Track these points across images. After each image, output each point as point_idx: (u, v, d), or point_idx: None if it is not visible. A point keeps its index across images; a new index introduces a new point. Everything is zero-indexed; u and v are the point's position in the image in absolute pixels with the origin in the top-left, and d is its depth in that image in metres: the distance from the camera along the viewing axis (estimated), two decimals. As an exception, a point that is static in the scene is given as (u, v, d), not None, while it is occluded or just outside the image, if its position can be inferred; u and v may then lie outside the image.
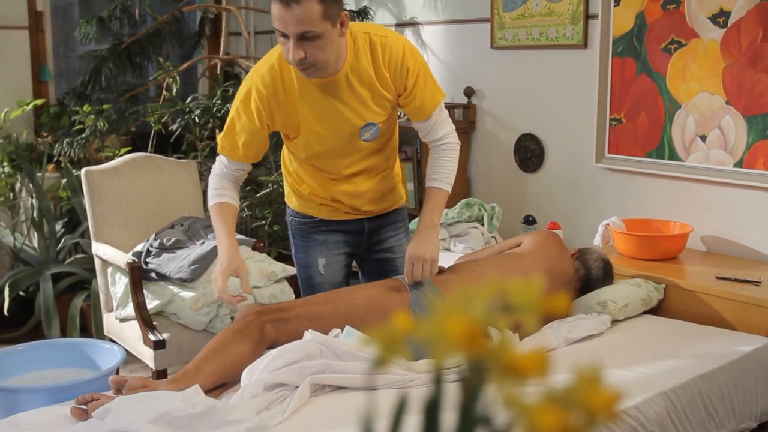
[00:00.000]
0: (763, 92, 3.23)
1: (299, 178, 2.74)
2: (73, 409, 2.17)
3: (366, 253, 2.87)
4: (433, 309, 0.48)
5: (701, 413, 2.49)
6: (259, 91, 2.47)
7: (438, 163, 2.63)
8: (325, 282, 2.78)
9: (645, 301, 3.02)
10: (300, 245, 2.83)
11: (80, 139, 4.25)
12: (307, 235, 2.79)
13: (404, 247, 2.79)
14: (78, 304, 4.11)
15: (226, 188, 2.61)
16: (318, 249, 2.79)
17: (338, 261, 2.81)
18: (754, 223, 3.37)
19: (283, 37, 2.31)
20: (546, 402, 0.46)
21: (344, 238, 2.80)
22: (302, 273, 2.85)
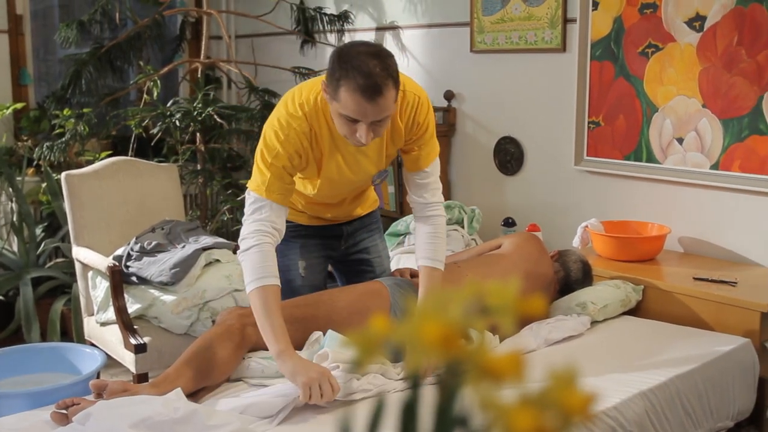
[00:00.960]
0: (739, 95, 3.26)
1: None
2: (54, 413, 2.15)
3: (343, 255, 2.89)
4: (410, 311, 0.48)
5: (679, 413, 2.51)
6: (299, 138, 2.36)
7: (433, 240, 2.53)
8: (306, 285, 2.78)
9: (624, 302, 3.03)
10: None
11: (60, 143, 4.23)
12: (286, 239, 2.79)
13: (379, 248, 2.91)
14: (58, 308, 4.08)
15: (272, 260, 2.31)
16: (298, 252, 2.79)
17: (318, 264, 2.82)
18: (730, 224, 3.40)
19: (352, 122, 2.22)
20: (521, 403, 0.46)
21: (323, 242, 2.81)
22: (282, 277, 2.85)
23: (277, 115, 2.39)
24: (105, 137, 4.68)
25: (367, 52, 2.18)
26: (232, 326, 2.42)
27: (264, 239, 2.31)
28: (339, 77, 2.16)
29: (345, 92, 2.16)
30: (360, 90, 2.13)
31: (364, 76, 2.13)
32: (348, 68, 2.14)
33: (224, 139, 4.53)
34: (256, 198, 2.36)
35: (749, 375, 2.77)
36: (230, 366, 2.39)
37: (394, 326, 0.50)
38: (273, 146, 2.35)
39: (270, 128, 2.38)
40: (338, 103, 2.19)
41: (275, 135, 2.36)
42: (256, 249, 2.29)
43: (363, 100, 2.15)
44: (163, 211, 3.54)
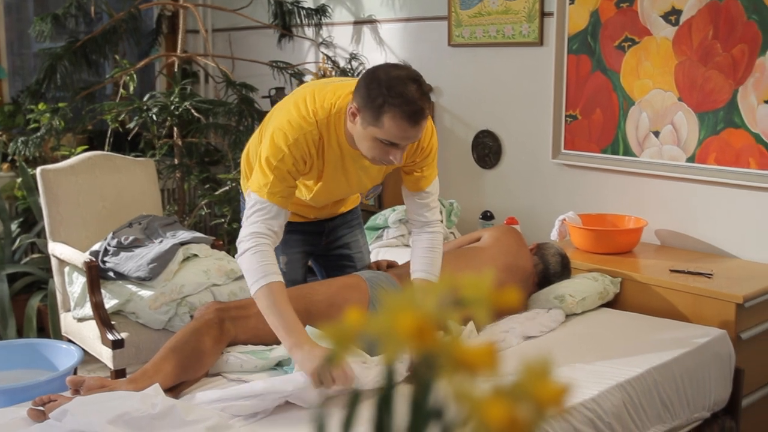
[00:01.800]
0: (714, 89, 3.29)
1: None
2: (30, 410, 2.13)
3: (324, 250, 2.90)
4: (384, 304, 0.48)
5: (657, 404, 2.53)
6: (308, 144, 2.34)
7: (429, 255, 2.55)
8: (287, 280, 2.78)
9: (602, 294, 3.05)
10: None
11: (35, 138, 4.19)
12: None
13: (360, 243, 2.93)
14: (34, 304, 4.06)
15: (273, 259, 2.30)
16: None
17: (298, 259, 2.82)
18: (705, 216, 3.43)
19: (390, 145, 2.24)
20: (495, 395, 0.46)
21: (304, 237, 2.81)
22: None
23: (288, 117, 2.35)
24: (81, 132, 4.65)
25: (406, 77, 2.20)
26: (210, 321, 2.41)
27: (261, 240, 2.28)
28: (382, 104, 2.17)
29: (390, 119, 2.17)
30: (407, 116, 2.16)
31: (410, 102, 2.16)
32: (393, 95, 2.16)
33: (201, 134, 4.51)
34: (257, 200, 2.33)
35: (725, 366, 2.80)
36: (209, 361, 2.38)
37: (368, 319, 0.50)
38: (280, 148, 2.32)
39: (279, 129, 2.34)
40: (378, 128, 2.20)
41: (284, 137, 2.32)
42: (253, 251, 2.27)
43: (408, 126, 2.18)
44: (140, 206, 3.53)
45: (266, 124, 2.51)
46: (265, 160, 2.33)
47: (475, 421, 0.46)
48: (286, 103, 2.45)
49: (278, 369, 2.42)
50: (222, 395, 2.15)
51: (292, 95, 2.48)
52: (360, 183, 2.57)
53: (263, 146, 2.37)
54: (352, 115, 2.26)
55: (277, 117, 2.40)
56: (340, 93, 2.38)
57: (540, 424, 0.47)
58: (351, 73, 4.59)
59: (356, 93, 2.25)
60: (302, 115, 2.34)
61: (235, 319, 2.46)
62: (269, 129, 2.39)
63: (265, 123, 2.54)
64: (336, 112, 2.35)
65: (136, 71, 4.48)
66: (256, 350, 2.43)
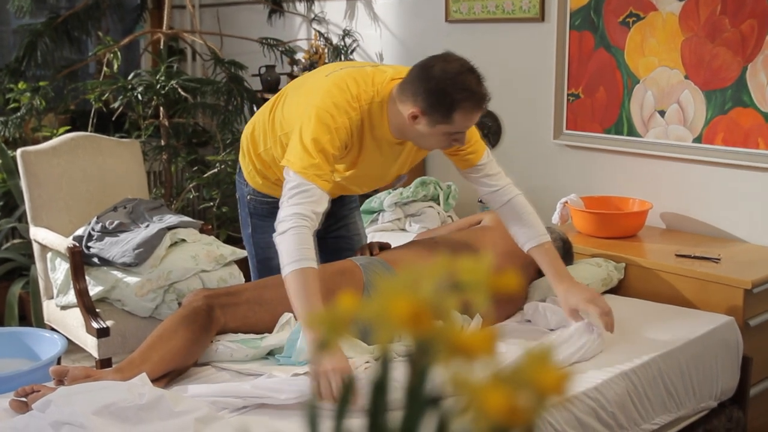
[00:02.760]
0: (722, 66, 3.28)
1: (272, 169, 2.70)
2: (12, 401, 2.14)
3: (322, 233, 2.90)
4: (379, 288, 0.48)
5: (662, 393, 2.54)
6: (351, 129, 2.41)
7: (524, 219, 2.66)
8: None
9: (605, 281, 3.06)
10: (260, 226, 2.82)
11: (15, 118, 4.18)
12: (269, 216, 2.78)
13: (357, 225, 2.98)
14: (16, 291, 4.05)
15: (311, 244, 2.30)
16: None
17: None
18: (713, 199, 3.43)
19: (457, 134, 2.39)
20: (493, 382, 0.47)
21: None
22: (260, 254, 2.85)
23: (333, 100, 2.38)
24: (63, 112, 4.63)
25: (462, 68, 2.35)
26: (199, 308, 2.41)
27: (302, 223, 2.28)
28: (451, 102, 2.30)
29: (461, 114, 2.32)
30: (476, 108, 2.35)
31: (476, 94, 2.33)
32: (459, 91, 2.31)
33: (189, 114, 4.49)
34: (301, 181, 2.32)
35: (732, 354, 2.81)
36: (197, 350, 2.39)
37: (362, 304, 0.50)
38: (328, 129, 2.35)
39: (325, 111, 2.36)
40: (449, 124, 2.34)
41: (331, 119, 2.36)
42: (294, 232, 2.26)
43: (476, 114, 2.37)
44: (125, 189, 3.52)
45: (293, 100, 2.54)
46: (312, 141, 2.33)
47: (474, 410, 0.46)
48: (322, 83, 2.46)
49: (270, 358, 2.43)
50: (212, 392, 2.15)
51: (327, 75, 2.50)
52: (389, 172, 2.65)
53: (306, 125, 2.37)
54: (413, 118, 2.35)
55: (318, 96, 2.41)
56: (380, 80, 2.45)
57: (541, 412, 0.48)
58: (344, 50, 4.58)
59: (416, 96, 2.33)
60: (347, 99, 2.39)
61: (225, 306, 2.46)
62: (310, 108, 2.39)
63: (289, 98, 2.58)
64: (379, 101, 2.42)
65: (120, 49, 4.46)
66: (247, 339, 2.43)
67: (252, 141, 2.70)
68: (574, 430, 2.25)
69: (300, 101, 2.49)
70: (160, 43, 4.75)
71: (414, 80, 2.35)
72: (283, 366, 2.34)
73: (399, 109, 2.39)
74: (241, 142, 2.80)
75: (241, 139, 2.82)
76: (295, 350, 2.33)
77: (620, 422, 2.39)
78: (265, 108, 2.71)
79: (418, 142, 2.47)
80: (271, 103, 2.68)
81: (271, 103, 2.68)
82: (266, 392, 2.14)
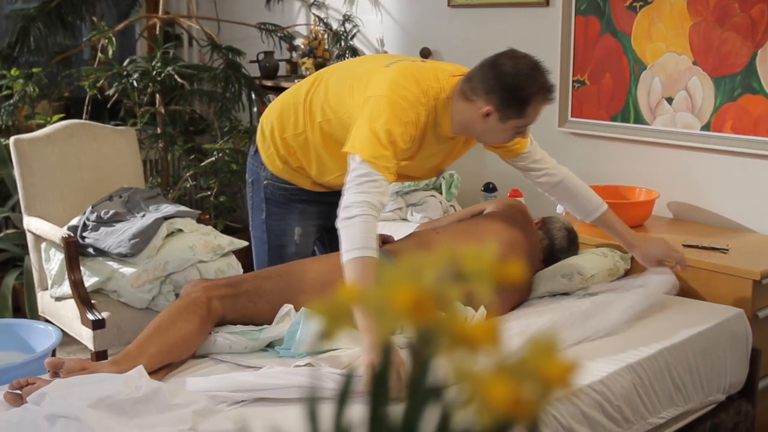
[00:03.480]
0: (731, 52, 3.28)
1: (296, 155, 2.71)
2: (7, 394, 2.14)
3: (334, 222, 2.92)
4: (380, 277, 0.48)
5: (669, 386, 2.54)
6: (419, 124, 2.47)
7: (577, 194, 2.87)
8: (298, 252, 2.81)
9: (612, 271, 3.05)
10: (275, 212, 2.83)
11: (8, 106, 4.17)
12: (287, 202, 2.80)
13: None
14: (10, 282, 4.06)
15: (375, 235, 2.32)
16: (296, 218, 2.81)
17: (312, 232, 2.87)
18: (721, 188, 3.43)
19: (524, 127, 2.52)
20: (498, 373, 0.47)
21: (320, 209, 2.83)
22: (274, 241, 2.85)
23: (404, 93, 2.43)
24: (57, 99, 4.63)
25: (531, 64, 2.46)
26: (197, 299, 2.41)
27: (370, 211, 2.30)
28: (526, 97, 2.42)
29: (533, 108, 2.45)
30: (547, 101, 2.48)
31: (547, 88, 2.46)
32: (532, 86, 2.42)
33: (186, 101, 4.49)
34: (370, 171, 2.33)
35: (741, 346, 2.81)
36: (195, 341, 2.39)
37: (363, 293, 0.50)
38: (399, 122, 2.39)
39: (397, 103, 2.40)
40: (522, 119, 2.46)
41: (403, 112, 2.41)
42: (362, 219, 2.27)
43: (543, 107, 2.50)
44: (120, 178, 3.52)
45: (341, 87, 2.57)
46: (385, 132, 2.36)
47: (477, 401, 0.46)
48: (385, 73, 2.50)
49: (269, 350, 2.43)
50: (211, 386, 2.16)
51: (387, 65, 2.54)
52: (436, 166, 2.76)
53: (378, 114, 2.39)
54: (485, 115, 2.43)
55: (383, 86, 2.44)
56: (443, 76, 2.52)
57: (546, 404, 0.48)
58: (344, 36, 4.56)
59: (489, 94, 2.42)
60: (416, 94, 2.44)
61: (224, 297, 2.46)
62: (379, 99, 2.41)
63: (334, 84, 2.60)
64: (444, 97, 2.49)
65: (115, 34, 4.45)
66: (246, 330, 2.44)
67: (279, 123, 2.71)
68: (579, 423, 2.25)
69: (356, 89, 2.52)
70: (155, 29, 4.74)
71: (485, 78, 2.44)
72: (283, 358, 2.34)
73: (464, 106, 2.47)
74: (262, 124, 2.79)
75: (261, 121, 2.81)
76: (295, 342, 2.34)
77: (626, 416, 2.39)
78: (296, 91, 2.72)
79: (484, 137, 2.56)
80: (306, 86, 2.68)
81: (305, 86, 2.69)
82: (268, 383, 2.14)
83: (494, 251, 0.53)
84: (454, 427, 0.51)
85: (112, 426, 1.87)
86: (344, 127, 2.53)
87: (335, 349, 2.34)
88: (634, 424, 2.42)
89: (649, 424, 2.48)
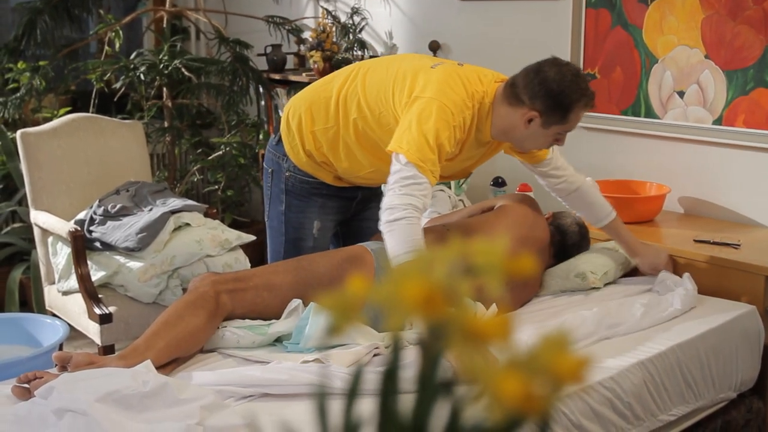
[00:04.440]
0: (744, 45, 3.26)
1: (322, 149, 2.72)
2: (15, 388, 2.15)
3: (349, 218, 2.94)
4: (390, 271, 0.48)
5: (680, 384, 2.53)
6: (465, 127, 2.52)
7: (597, 200, 2.97)
8: (316, 246, 2.83)
9: (624, 265, 3.06)
10: (295, 205, 2.84)
11: (15, 99, 4.18)
12: (307, 195, 2.82)
13: None
14: (17, 276, 4.07)
15: (422, 236, 2.38)
16: (316, 212, 2.84)
17: (330, 227, 2.90)
18: (733, 183, 3.41)
19: (564, 133, 2.58)
20: (509, 368, 0.47)
21: (339, 204, 2.88)
22: (291, 234, 2.86)
23: (452, 97, 2.47)
24: (63, 92, 4.63)
25: (574, 71, 2.51)
26: (205, 293, 2.42)
27: (414, 214, 2.35)
28: (570, 103, 2.47)
29: (575, 114, 2.51)
30: (588, 107, 2.53)
31: (589, 94, 2.51)
32: (575, 92, 2.47)
33: (193, 94, 4.50)
34: (416, 173, 2.37)
35: (754, 343, 2.80)
36: (203, 336, 2.39)
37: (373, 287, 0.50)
38: (447, 125, 2.43)
39: (446, 106, 2.44)
40: (564, 124, 2.52)
41: (452, 116, 2.45)
42: (408, 221, 2.32)
43: (586, 109, 2.54)
44: (128, 171, 3.53)
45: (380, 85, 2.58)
46: (434, 135, 2.40)
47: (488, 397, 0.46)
48: (431, 75, 2.52)
49: (277, 345, 2.43)
50: (218, 380, 2.16)
51: (433, 67, 2.57)
52: (467, 168, 2.83)
53: (426, 117, 2.42)
54: (528, 121, 2.48)
55: (431, 88, 2.48)
56: (486, 81, 2.58)
57: (558, 400, 0.48)
58: (353, 29, 4.56)
59: (533, 100, 2.47)
60: (463, 98, 2.49)
61: (232, 292, 2.47)
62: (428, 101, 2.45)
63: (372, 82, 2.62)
64: (489, 102, 2.55)
65: (122, 27, 4.46)
66: (254, 325, 2.44)
67: (308, 116, 2.72)
68: (588, 420, 2.25)
69: (398, 87, 2.54)
70: (163, 22, 4.75)
71: (530, 84, 2.48)
72: (291, 353, 2.34)
73: (507, 111, 2.52)
74: (288, 115, 2.79)
75: (287, 111, 2.81)
76: (303, 337, 2.34)
77: (636, 413, 2.39)
78: (327, 85, 2.73)
79: (525, 143, 2.61)
80: (340, 81, 2.70)
81: (338, 81, 2.70)
82: (276, 378, 2.14)
83: (505, 245, 0.52)
84: (465, 422, 0.51)
85: (119, 420, 1.88)
86: (381, 125, 2.57)
87: (344, 344, 2.34)
88: (644, 421, 2.42)
89: (660, 422, 2.47)
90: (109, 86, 4.54)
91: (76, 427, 1.86)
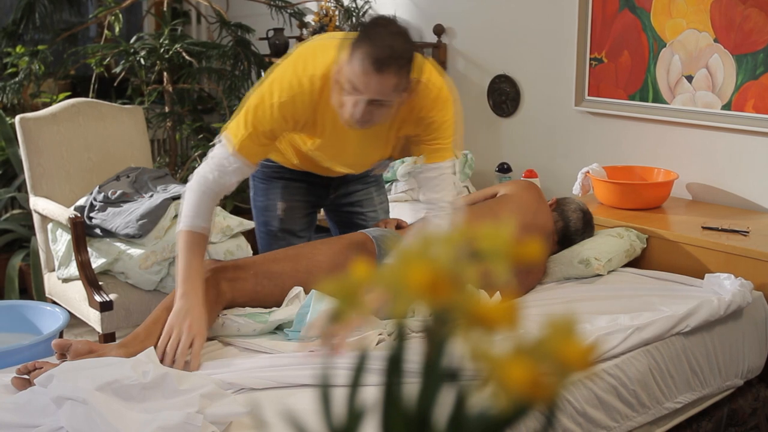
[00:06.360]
0: (754, 29, 3.25)
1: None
2: (14, 379, 2.15)
3: (334, 204, 2.92)
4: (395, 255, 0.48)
5: (686, 371, 2.54)
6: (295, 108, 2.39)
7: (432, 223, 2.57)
8: (283, 228, 2.82)
9: (628, 252, 3.05)
10: (260, 188, 2.86)
11: (13, 84, 4.17)
12: (269, 178, 2.82)
13: (374, 201, 2.95)
14: (16, 263, 4.07)
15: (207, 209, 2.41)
16: (278, 193, 2.83)
17: (299, 207, 2.85)
18: (742, 169, 3.41)
19: (356, 92, 2.27)
20: (516, 354, 0.46)
21: (307, 187, 2.85)
22: (260, 218, 2.88)
23: (283, 75, 2.39)
24: (63, 77, 4.63)
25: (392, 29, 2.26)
26: (206, 281, 2.42)
27: (209, 188, 2.39)
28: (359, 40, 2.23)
29: (358, 63, 2.21)
30: (372, 59, 2.20)
31: (380, 47, 2.20)
32: (370, 35, 2.23)
33: (194, 79, 4.48)
34: (224, 150, 2.41)
35: (760, 330, 2.80)
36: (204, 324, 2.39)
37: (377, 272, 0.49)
38: (265, 105, 2.37)
39: (276, 83, 2.38)
40: (349, 66, 2.24)
41: (272, 94, 2.37)
42: (198, 192, 2.39)
43: (372, 71, 2.21)
44: (128, 157, 3.52)
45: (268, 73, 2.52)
46: (253, 110, 2.39)
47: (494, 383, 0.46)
48: (289, 57, 2.47)
49: (278, 333, 2.44)
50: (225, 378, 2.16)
51: (297, 49, 2.50)
52: (364, 153, 2.61)
53: (254, 93, 2.42)
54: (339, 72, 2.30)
55: (276, 70, 2.44)
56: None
57: (565, 386, 0.47)
58: (356, 12, 4.55)
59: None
60: (298, 77, 2.38)
61: (233, 280, 2.47)
62: (266, 80, 2.43)
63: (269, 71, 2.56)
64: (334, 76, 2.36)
65: (122, 10, 4.44)
66: (255, 313, 2.44)
67: None
68: (594, 408, 2.25)
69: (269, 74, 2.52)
70: (163, 5, 4.73)
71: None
72: (292, 341, 2.35)
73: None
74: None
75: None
76: (304, 325, 2.34)
77: (642, 400, 2.39)
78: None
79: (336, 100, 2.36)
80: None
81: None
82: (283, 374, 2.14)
83: (511, 230, 0.52)
84: (470, 409, 0.51)
85: (118, 409, 1.88)
86: None
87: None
88: (649, 408, 2.42)
89: (666, 409, 2.48)
90: (109, 71, 4.53)
91: (76, 416, 1.87)
